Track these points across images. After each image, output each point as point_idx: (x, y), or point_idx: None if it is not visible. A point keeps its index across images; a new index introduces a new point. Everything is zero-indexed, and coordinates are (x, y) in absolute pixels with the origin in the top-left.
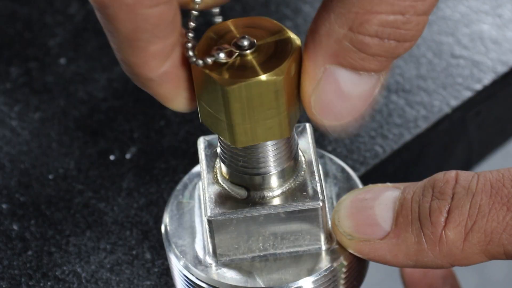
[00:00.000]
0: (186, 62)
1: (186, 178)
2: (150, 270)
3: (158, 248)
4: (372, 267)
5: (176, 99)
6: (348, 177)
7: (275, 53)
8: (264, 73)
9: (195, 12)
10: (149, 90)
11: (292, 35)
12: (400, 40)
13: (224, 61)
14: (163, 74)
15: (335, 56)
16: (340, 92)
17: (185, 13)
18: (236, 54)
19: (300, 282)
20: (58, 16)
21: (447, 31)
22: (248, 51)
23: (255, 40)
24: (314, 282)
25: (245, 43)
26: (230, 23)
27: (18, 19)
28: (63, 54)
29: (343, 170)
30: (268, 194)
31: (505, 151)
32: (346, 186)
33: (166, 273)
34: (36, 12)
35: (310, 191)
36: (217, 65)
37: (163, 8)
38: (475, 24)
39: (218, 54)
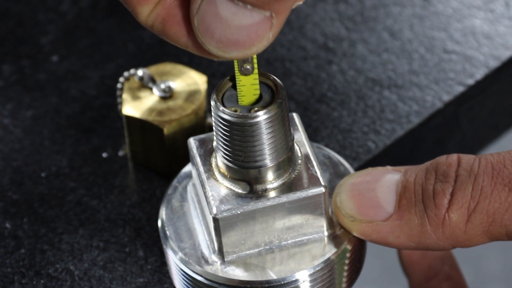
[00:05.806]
0: None
1: (175, 181)
2: (143, 267)
3: (151, 245)
4: (368, 255)
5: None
6: (336, 163)
7: None
8: None
9: None
10: None
11: None
12: None
13: None
14: None
15: None
16: (218, 17)
17: None
18: None
19: (308, 270)
20: (50, 13)
21: (439, 26)
22: None
23: None
24: (322, 268)
25: None
26: None
27: (10, 17)
28: (55, 51)
29: (329, 157)
30: (270, 186)
31: (498, 146)
32: (335, 171)
33: (159, 270)
34: (28, 10)
35: (311, 178)
36: None
37: None
38: (467, 19)
39: None
